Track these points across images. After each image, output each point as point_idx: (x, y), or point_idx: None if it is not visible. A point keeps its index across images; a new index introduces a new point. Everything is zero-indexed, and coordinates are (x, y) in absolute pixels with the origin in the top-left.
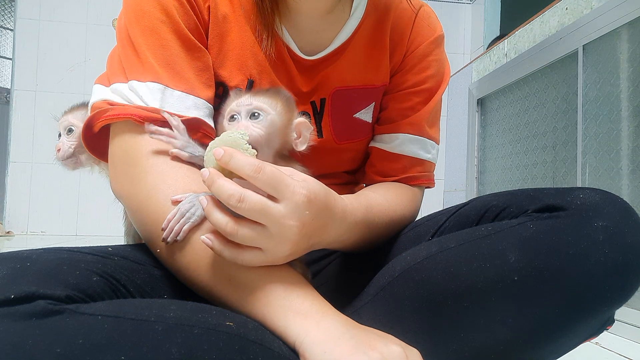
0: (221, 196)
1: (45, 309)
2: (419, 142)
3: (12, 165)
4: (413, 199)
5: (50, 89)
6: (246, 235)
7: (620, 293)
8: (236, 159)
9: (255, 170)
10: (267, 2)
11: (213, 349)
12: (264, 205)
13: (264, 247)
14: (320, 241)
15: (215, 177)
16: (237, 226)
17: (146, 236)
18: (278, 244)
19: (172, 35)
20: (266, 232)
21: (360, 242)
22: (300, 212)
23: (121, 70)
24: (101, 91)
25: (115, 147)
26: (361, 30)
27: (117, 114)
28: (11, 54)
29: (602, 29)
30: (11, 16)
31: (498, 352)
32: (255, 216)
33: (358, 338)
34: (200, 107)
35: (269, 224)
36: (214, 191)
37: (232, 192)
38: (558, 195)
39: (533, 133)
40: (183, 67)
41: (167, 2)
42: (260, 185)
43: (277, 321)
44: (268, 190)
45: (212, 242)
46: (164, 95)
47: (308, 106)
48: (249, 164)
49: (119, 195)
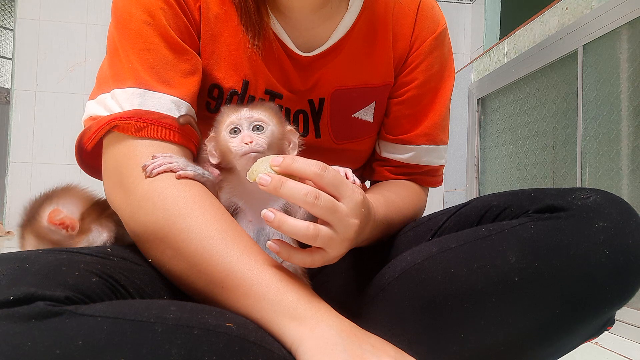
0: (296, 195)
1: (44, 310)
2: (434, 152)
3: (12, 165)
4: (422, 197)
5: (50, 89)
6: (326, 236)
7: (620, 294)
8: (300, 160)
9: (322, 168)
10: (250, 0)
11: (213, 350)
12: (334, 203)
13: (329, 246)
14: (358, 240)
15: (283, 179)
16: (317, 228)
17: (140, 246)
18: (340, 242)
19: (158, 39)
20: (333, 231)
21: (379, 238)
22: (359, 210)
23: (106, 80)
24: (89, 107)
25: (108, 159)
26: (359, 25)
27: (96, 129)
28: (11, 54)
29: (602, 29)
30: (11, 16)
31: (498, 353)
32: (325, 214)
33: (351, 351)
34: (182, 108)
35: (335, 221)
36: (285, 192)
37: (308, 190)
38: (559, 196)
39: (533, 133)
40: (168, 70)
41: (154, 5)
42: (324, 184)
43: (273, 325)
44: (330, 189)
45: (280, 248)
46: (143, 99)
47: (306, 104)
48: (314, 163)
49: (113, 207)
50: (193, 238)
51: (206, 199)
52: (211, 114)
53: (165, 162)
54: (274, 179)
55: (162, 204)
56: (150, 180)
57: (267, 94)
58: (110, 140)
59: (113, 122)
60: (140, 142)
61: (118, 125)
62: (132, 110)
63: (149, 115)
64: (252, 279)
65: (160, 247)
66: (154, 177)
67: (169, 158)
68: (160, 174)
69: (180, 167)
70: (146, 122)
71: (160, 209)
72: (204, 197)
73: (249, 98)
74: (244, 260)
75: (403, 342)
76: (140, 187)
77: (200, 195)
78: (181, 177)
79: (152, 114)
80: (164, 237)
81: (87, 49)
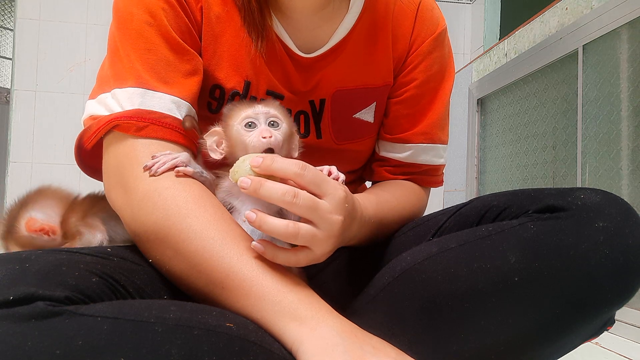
0: (274, 195)
1: (44, 311)
2: (432, 150)
3: (12, 165)
4: (421, 197)
5: (50, 89)
6: (307, 234)
7: (620, 294)
8: (279, 161)
9: (301, 167)
10: (253, 3)
11: (213, 350)
12: (314, 200)
13: (313, 244)
14: (345, 237)
15: (261, 181)
16: (297, 226)
17: (141, 246)
18: (325, 239)
19: (159, 39)
20: (315, 229)
21: (371, 238)
22: (342, 206)
23: (107, 79)
24: (89, 106)
25: (108, 159)
26: (360, 26)
27: (96, 129)
28: (11, 54)
29: (602, 29)
30: (11, 16)
31: (498, 353)
32: (306, 212)
33: (352, 352)
34: (183, 108)
35: (317, 219)
36: (264, 193)
37: (285, 189)
38: (559, 196)
39: (533, 133)
40: (169, 71)
41: (155, 5)
42: (304, 183)
43: (273, 326)
44: (312, 187)
45: (265, 249)
46: (143, 98)
47: (307, 105)
48: (294, 163)
49: (114, 207)
50: (193, 238)
51: (206, 199)
52: (212, 114)
53: (168, 160)
54: (253, 181)
55: (162, 204)
56: (150, 180)
57: (269, 94)
58: (111, 140)
59: (114, 122)
60: (141, 141)
61: (119, 124)
62: (132, 110)
63: (150, 114)
64: (252, 279)
65: (160, 247)
66: (159, 175)
67: (170, 155)
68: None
69: (184, 161)
70: (147, 121)
71: (160, 209)
72: (204, 197)
73: (250, 99)
74: (244, 261)
75: (403, 342)
76: (140, 187)
77: (201, 194)
78: (180, 174)
79: (152, 113)
80: (164, 237)
81: (87, 49)
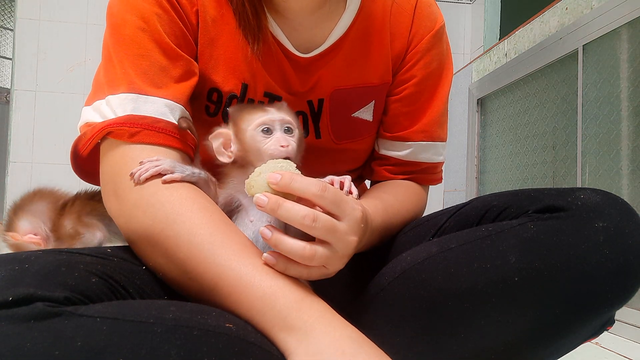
0: (293, 218)
1: (43, 311)
2: (431, 148)
3: (12, 165)
4: (421, 196)
5: (50, 89)
6: (323, 256)
7: (620, 294)
8: (299, 180)
9: (322, 189)
10: (247, 6)
11: (212, 351)
12: (333, 223)
13: (328, 263)
14: (355, 251)
15: (279, 201)
16: (314, 249)
17: (136, 252)
18: (340, 259)
19: (152, 44)
20: (331, 250)
21: (376, 244)
22: (358, 227)
23: (101, 86)
24: (85, 113)
25: (104, 166)
26: (357, 25)
27: (90, 136)
28: (11, 54)
29: (602, 29)
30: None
31: (498, 353)
32: (324, 235)
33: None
34: (176, 111)
35: (335, 241)
36: (282, 214)
37: (305, 212)
38: (559, 196)
39: (533, 133)
40: (162, 76)
41: (149, 11)
42: (325, 204)
43: (267, 332)
44: (331, 208)
45: (276, 261)
46: (136, 103)
47: (305, 106)
48: (314, 184)
49: (110, 214)
50: (181, 245)
51: (195, 201)
52: (210, 117)
53: (151, 167)
54: (270, 200)
55: (151, 210)
56: (139, 187)
57: (267, 96)
58: (106, 147)
59: (107, 129)
60: (134, 147)
61: (112, 131)
62: (125, 116)
63: (142, 120)
64: (241, 286)
65: (153, 254)
66: (143, 183)
67: (155, 162)
68: (149, 180)
69: (167, 168)
70: (139, 127)
71: (149, 217)
72: (193, 200)
73: (248, 101)
74: (232, 266)
75: (403, 342)
76: (131, 195)
77: (189, 197)
78: (167, 181)
79: (145, 118)
80: (155, 244)
81: (87, 49)
